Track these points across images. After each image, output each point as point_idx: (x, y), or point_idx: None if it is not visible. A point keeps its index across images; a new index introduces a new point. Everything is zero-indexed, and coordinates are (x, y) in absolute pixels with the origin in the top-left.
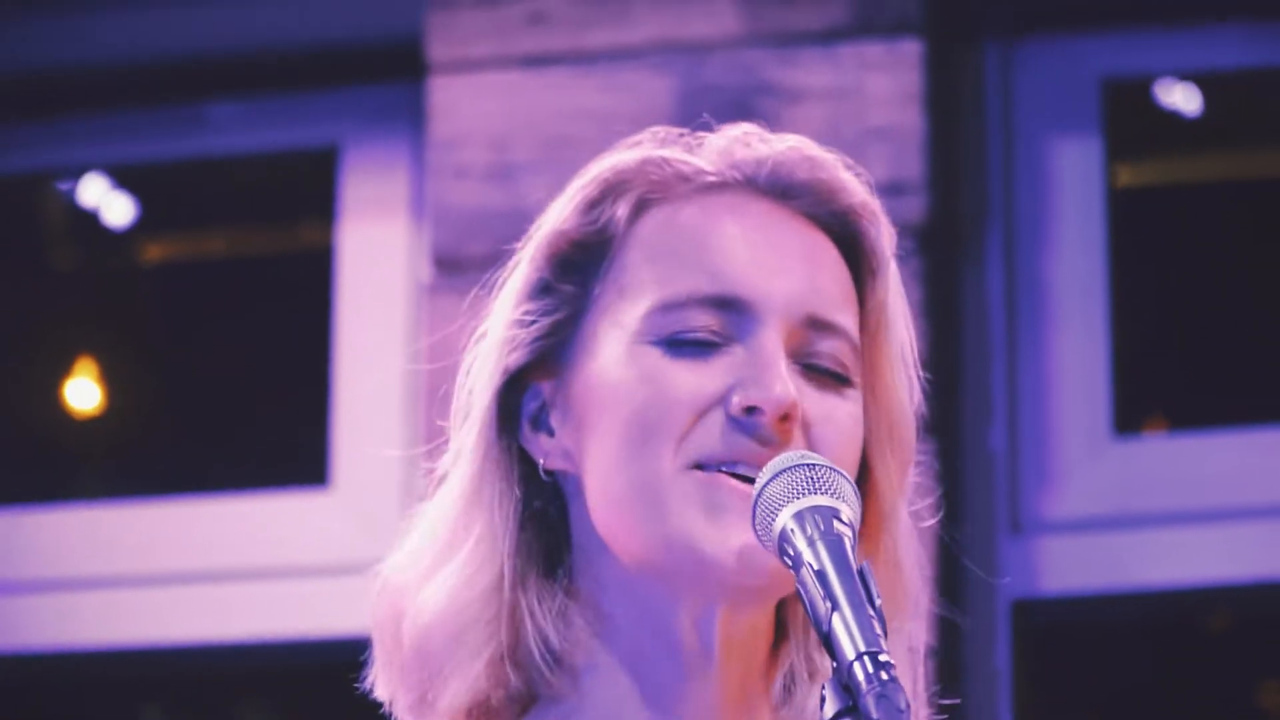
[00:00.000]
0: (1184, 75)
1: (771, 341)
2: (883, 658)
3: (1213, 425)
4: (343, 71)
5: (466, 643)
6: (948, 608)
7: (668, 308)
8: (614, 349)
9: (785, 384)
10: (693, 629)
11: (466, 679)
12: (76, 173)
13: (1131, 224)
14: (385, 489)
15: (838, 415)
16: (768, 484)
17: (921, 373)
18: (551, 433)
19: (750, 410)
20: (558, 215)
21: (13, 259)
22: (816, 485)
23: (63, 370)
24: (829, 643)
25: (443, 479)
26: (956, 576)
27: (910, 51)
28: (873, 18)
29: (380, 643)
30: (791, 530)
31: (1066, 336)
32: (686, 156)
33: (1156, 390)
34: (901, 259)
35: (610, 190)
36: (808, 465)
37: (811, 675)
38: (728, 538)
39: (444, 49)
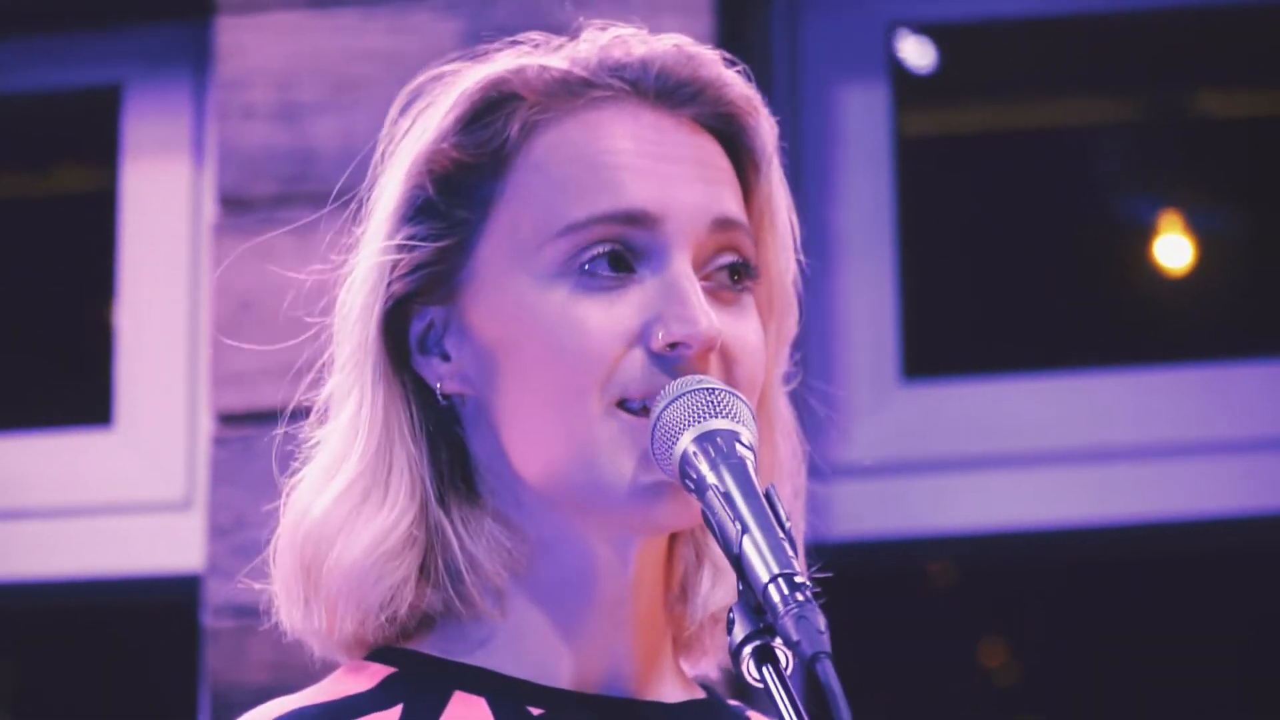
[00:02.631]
0: (968, 22)
1: (685, 268)
2: (798, 579)
3: (998, 371)
4: (126, 11)
5: (388, 568)
6: None
7: (571, 230)
8: (520, 282)
9: (709, 316)
10: (612, 556)
11: (383, 604)
12: None
13: (917, 172)
14: (169, 428)
15: (749, 338)
16: (665, 409)
17: (801, 251)
18: (446, 356)
19: (674, 345)
20: (435, 132)
21: None
22: (716, 409)
23: None
24: (739, 565)
25: (325, 410)
26: None
27: None
28: None
29: (294, 579)
30: (694, 454)
31: (854, 282)
32: (566, 66)
33: (943, 336)
34: None
35: (495, 106)
36: (706, 389)
37: (699, 561)
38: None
39: None
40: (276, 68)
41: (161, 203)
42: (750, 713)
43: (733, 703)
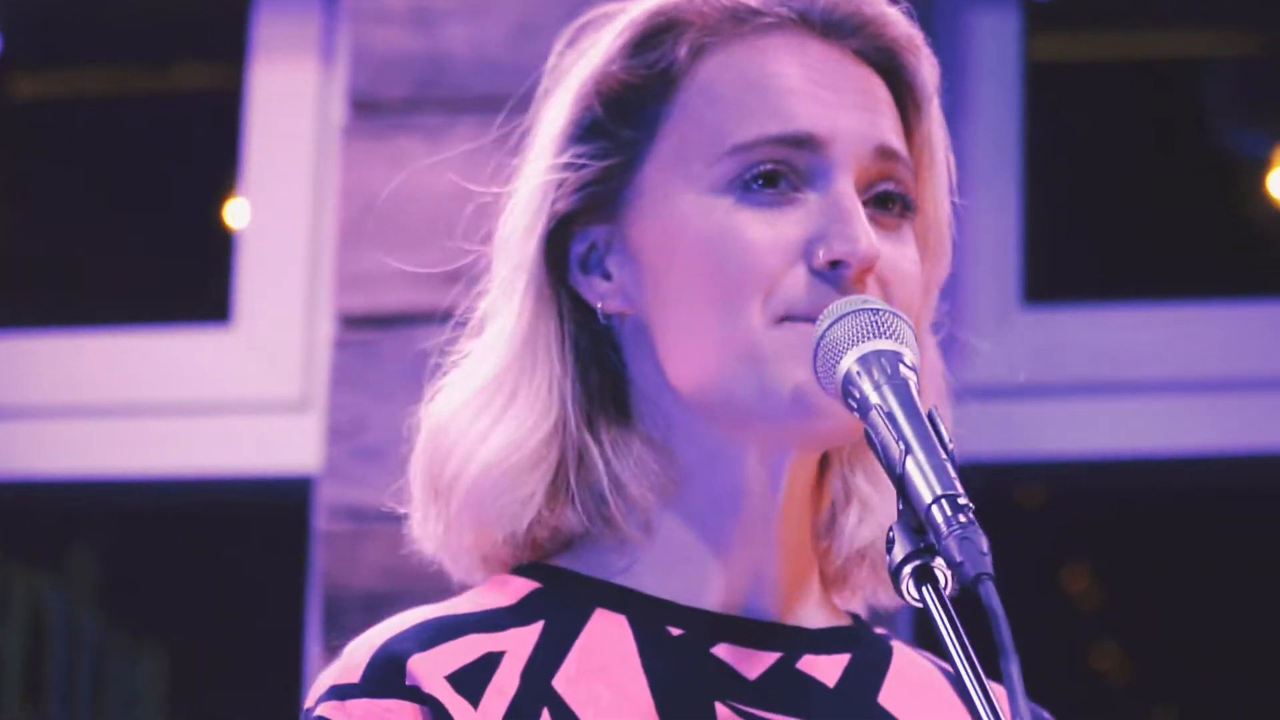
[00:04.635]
0: None
1: (849, 189)
2: (961, 500)
3: (1120, 299)
4: None
5: (512, 483)
6: None
7: (738, 150)
8: (684, 198)
9: (869, 236)
10: (764, 474)
11: (502, 518)
12: None
13: (1048, 97)
14: (288, 328)
15: (907, 265)
16: (829, 328)
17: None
18: (608, 275)
19: (835, 264)
20: (604, 54)
21: None
22: (880, 330)
23: None
24: (902, 485)
25: (483, 323)
26: None
27: None
28: None
29: (425, 489)
30: (857, 374)
31: (978, 206)
32: None
33: (1064, 263)
34: None
35: (663, 30)
36: (871, 310)
37: (847, 498)
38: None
39: None
40: None
41: (289, 103)
42: (895, 641)
43: (878, 630)
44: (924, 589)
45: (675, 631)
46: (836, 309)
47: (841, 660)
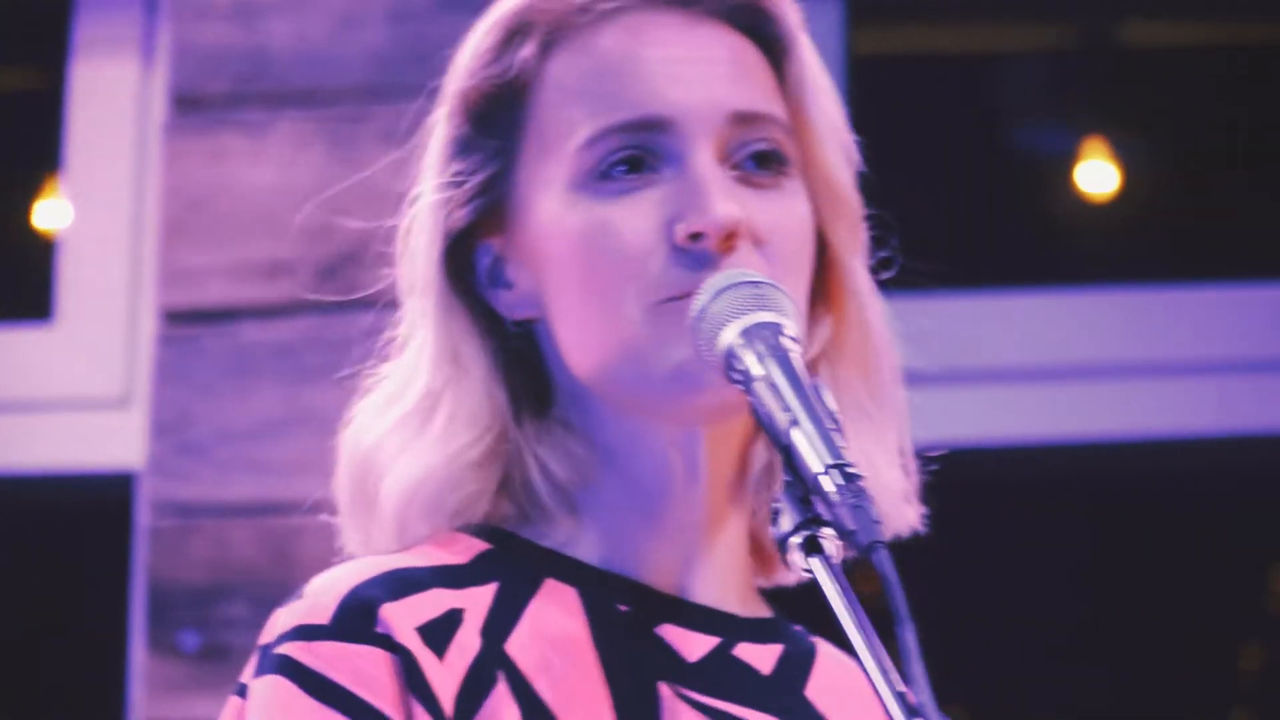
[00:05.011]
0: None
1: (701, 158)
2: (850, 469)
3: (932, 290)
4: None
5: (476, 480)
6: None
7: (591, 144)
8: (549, 200)
9: (724, 202)
10: (680, 455)
11: (458, 511)
12: None
13: (870, 90)
14: (110, 325)
15: (784, 220)
16: (709, 303)
17: (851, 133)
18: (510, 285)
19: (695, 237)
20: (464, 69)
21: None
22: (761, 302)
23: None
24: (789, 455)
25: (402, 346)
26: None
27: None
28: None
29: (356, 507)
30: (739, 347)
31: None
32: None
33: (880, 255)
34: None
35: (511, 35)
36: (750, 282)
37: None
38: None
39: None
40: None
41: (109, 100)
42: (816, 639)
43: (796, 627)
44: (813, 559)
45: (623, 608)
46: (715, 283)
47: (775, 650)
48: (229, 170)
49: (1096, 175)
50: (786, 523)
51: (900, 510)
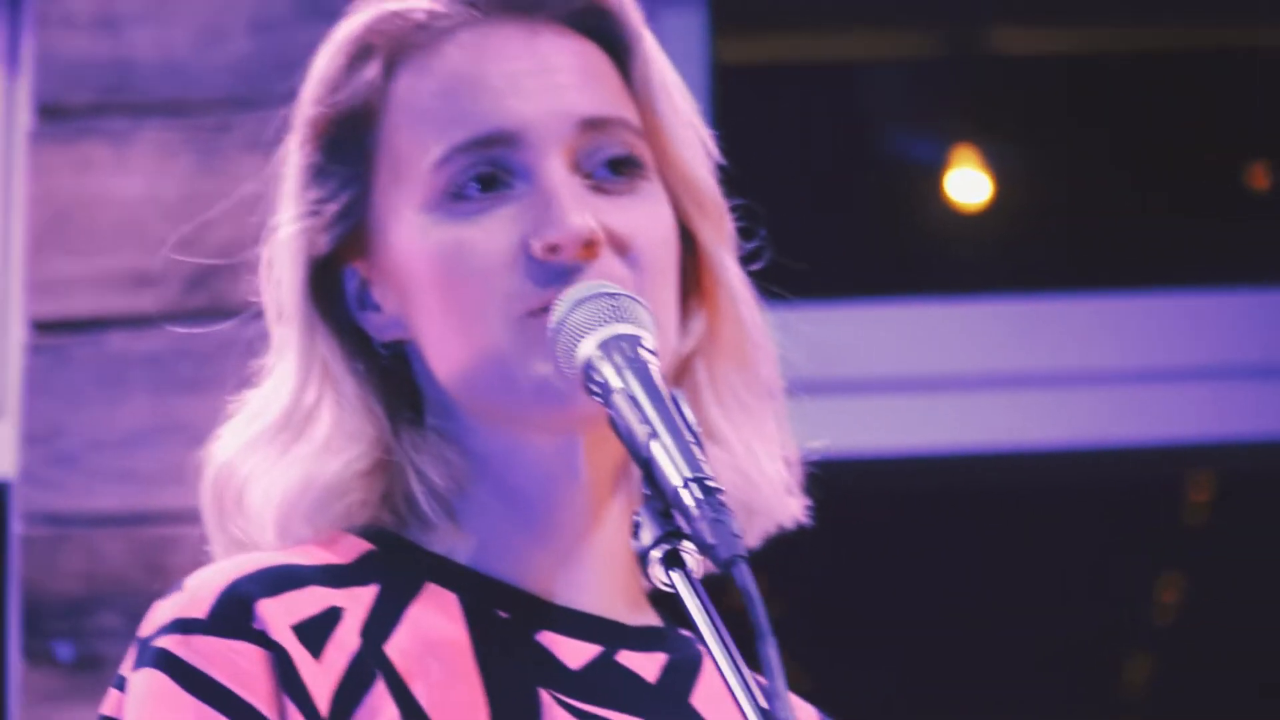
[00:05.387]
0: None
1: (553, 170)
2: (710, 483)
3: (803, 299)
4: None
5: (349, 495)
6: None
7: (441, 164)
8: (406, 223)
9: (578, 212)
10: (557, 462)
11: (355, 519)
12: None
13: (733, 99)
14: None
15: (644, 224)
16: (566, 315)
17: (705, 127)
18: (378, 308)
19: (552, 249)
20: (311, 96)
21: None
22: (618, 313)
23: None
24: (648, 469)
25: (269, 370)
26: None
27: None
28: None
29: (217, 516)
30: (597, 359)
31: None
32: (417, 3)
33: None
34: None
35: (353, 59)
36: (608, 294)
37: None
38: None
39: None
40: None
41: None
42: (702, 646)
43: (683, 632)
44: (673, 573)
45: (503, 615)
46: (571, 295)
47: (659, 658)
48: (95, 180)
49: (967, 183)
50: (647, 536)
51: (783, 502)
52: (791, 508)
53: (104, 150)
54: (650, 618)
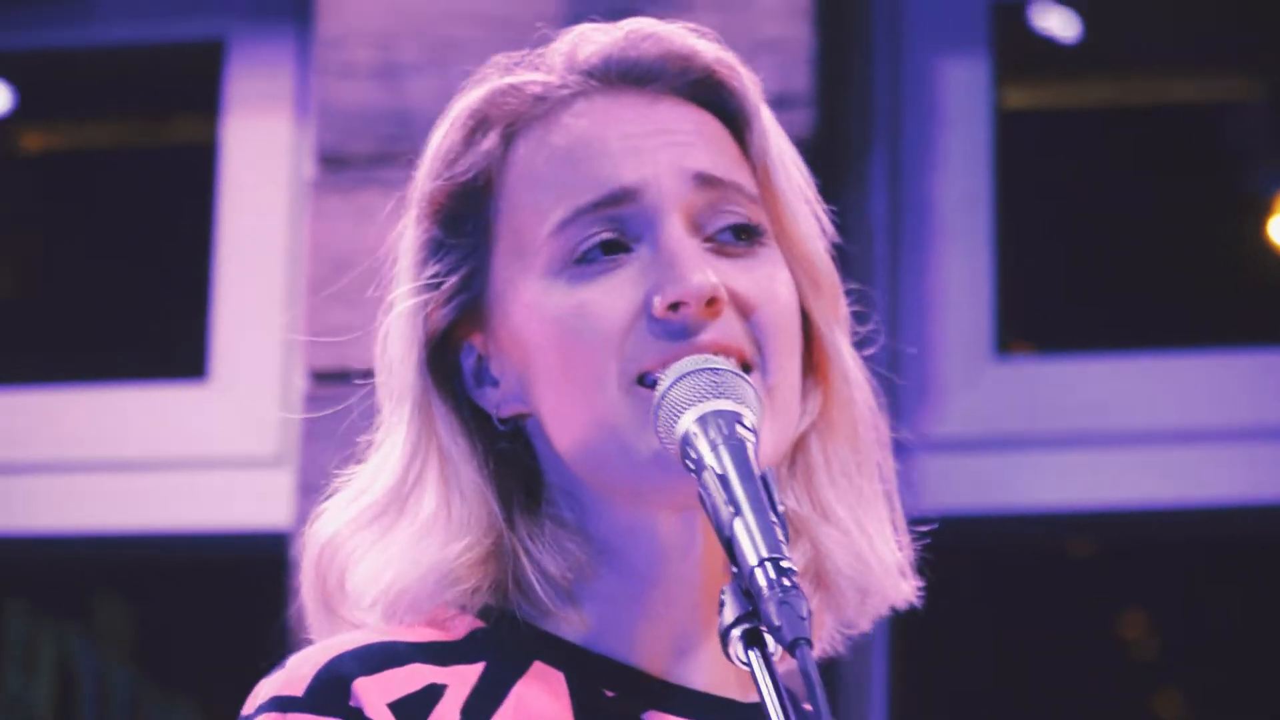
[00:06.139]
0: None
1: (672, 229)
2: (785, 564)
3: (1091, 349)
4: None
5: (461, 584)
6: None
7: (562, 228)
8: (526, 290)
9: (702, 270)
10: (675, 538)
11: (470, 606)
12: None
13: (1017, 146)
14: (263, 384)
15: (767, 286)
16: (670, 388)
17: (825, 205)
18: (496, 383)
19: (674, 307)
20: (429, 170)
21: None
22: (720, 390)
23: None
24: (730, 547)
25: (378, 446)
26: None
27: None
28: None
29: (317, 596)
30: (694, 435)
31: (949, 256)
32: (533, 76)
33: (1037, 313)
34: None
35: (471, 132)
36: (711, 369)
37: (797, 530)
38: None
39: None
40: (377, 26)
41: (262, 158)
42: None
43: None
44: (751, 652)
45: (610, 694)
46: (676, 369)
47: None
48: (374, 230)
49: None
50: (729, 615)
51: (896, 583)
52: (904, 589)
53: (383, 200)
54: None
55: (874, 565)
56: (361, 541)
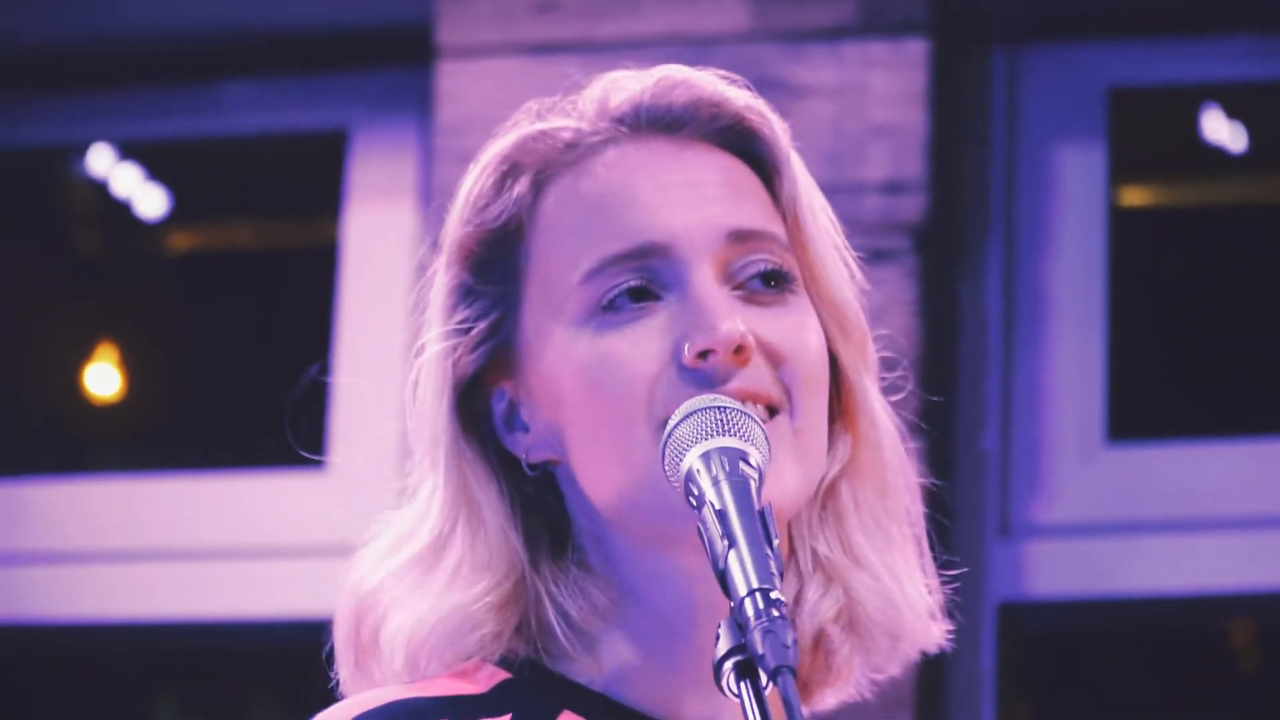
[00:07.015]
0: (1191, 88)
1: (702, 279)
2: (774, 594)
3: (1203, 436)
4: (353, 54)
5: (482, 628)
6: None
7: (591, 277)
8: (556, 337)
9: (730, 318)
10: (703, 582)
11: (491, 652)
12: (84, 146)
13: (1132, 238)
14: (380, 474)
15: (796, 334)
16: (677, 426)
17: (851, 251)
18: (526, 429)
19: (703, 355)
20: (459, 216)
21: (26, 236)
22: (726, 427)
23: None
24: (724, 581)
25: (411, 495)
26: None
27: (916, 51)
28: (879, 16)
29: (351, 648)
30: (697, 470)
31: (1062, 343)
32: (565, 122)
33: (1149, 400)
34: (897, 256)
35: (502, 177)
36: (718, 408)
37: (813, 570)
38: None
39: (453, 34)
40: (497, 114)
41: (385, 247)
42: None
43: None
44: (742, 684)
45: None
46: (685, 407)
47: None
48: None
49: None
50: (722, 646)
51: (926, 627)
52: (934, 633)
53: None
54: None
55: (905, 610)
56: (398, 594)
